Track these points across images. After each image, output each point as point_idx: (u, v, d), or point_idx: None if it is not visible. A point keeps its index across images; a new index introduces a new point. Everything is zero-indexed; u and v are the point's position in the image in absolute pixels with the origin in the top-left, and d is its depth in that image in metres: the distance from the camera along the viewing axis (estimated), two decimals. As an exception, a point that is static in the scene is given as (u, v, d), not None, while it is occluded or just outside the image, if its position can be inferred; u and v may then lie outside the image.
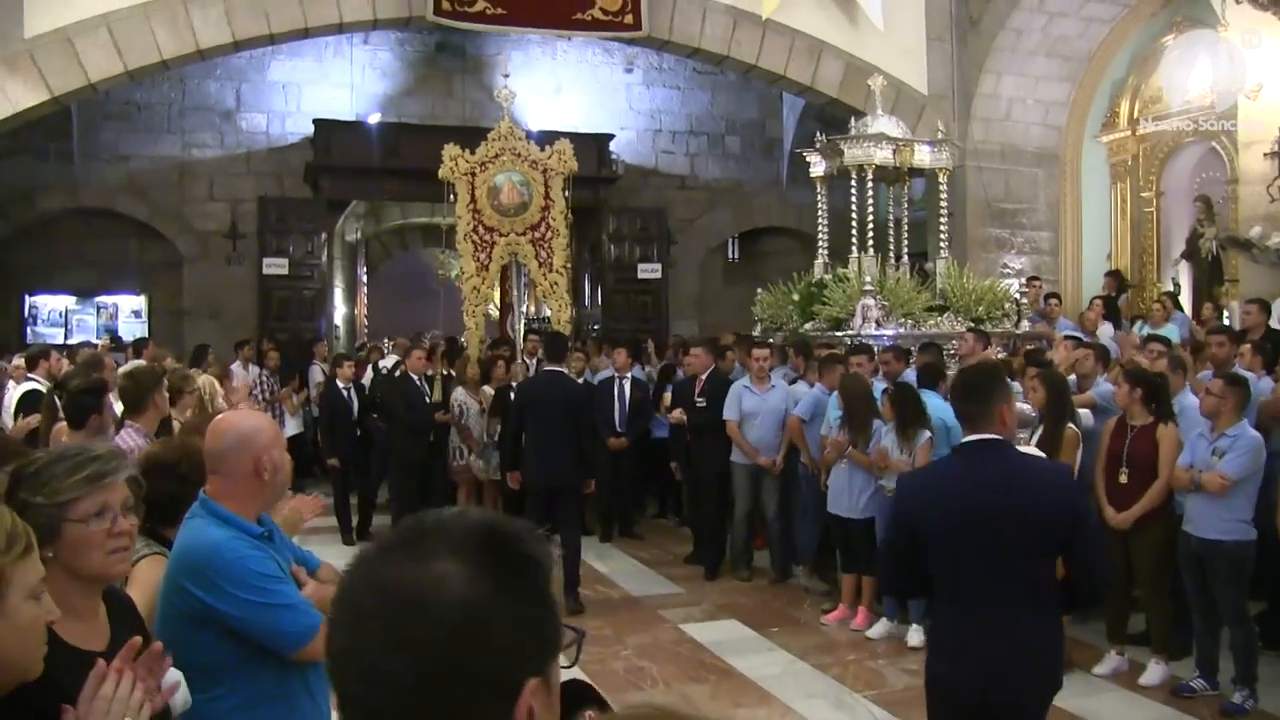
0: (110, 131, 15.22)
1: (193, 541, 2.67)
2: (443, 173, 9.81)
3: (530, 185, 9.90)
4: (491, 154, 9.92)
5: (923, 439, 6.66)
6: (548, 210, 9.92)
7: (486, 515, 1.22)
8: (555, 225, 9.90)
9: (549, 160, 9.96)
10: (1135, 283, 12.64)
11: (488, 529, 1.18)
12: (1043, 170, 13.28)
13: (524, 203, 9.90)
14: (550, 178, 9.93)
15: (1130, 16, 12.42)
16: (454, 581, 1.12)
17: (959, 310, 9.41)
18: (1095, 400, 6.96)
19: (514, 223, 9.83)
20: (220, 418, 2.96)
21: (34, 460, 2.23)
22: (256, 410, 10.05)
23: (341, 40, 15.43)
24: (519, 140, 10.04)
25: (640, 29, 11.77)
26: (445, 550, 1.14)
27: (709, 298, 17.44)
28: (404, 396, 9.62)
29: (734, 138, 17.73)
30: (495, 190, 9.86)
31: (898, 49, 12.66)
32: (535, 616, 1.16)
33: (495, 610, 1.13)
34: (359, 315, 19.46)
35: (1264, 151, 9.44)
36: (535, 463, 7.67)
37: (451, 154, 9.81)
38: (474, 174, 9.82)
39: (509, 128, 9.98)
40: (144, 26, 10.77)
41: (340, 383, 10.18)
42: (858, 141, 9.58)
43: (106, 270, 15.62)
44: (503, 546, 1.17)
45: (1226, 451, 5.64)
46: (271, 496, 2.85)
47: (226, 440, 2.76)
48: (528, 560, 1.18)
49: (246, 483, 2.74)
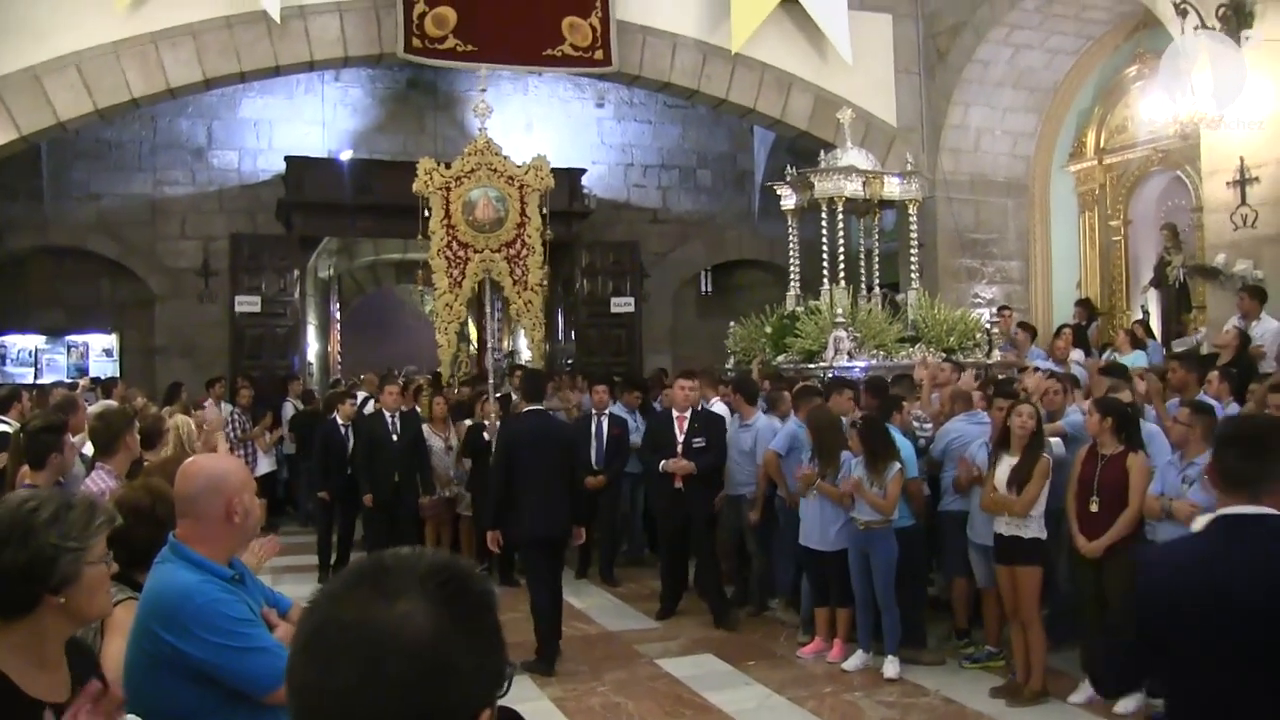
0: (81, 170, 15.18)
1: (163, 586, 2.65)
2: (416, 187, 9.56)
3: (506, 201, 9.63)
4: (467, 169, 9.65)
5: (893, 471, 6.69)
6: (523, 227, 9.66)
7: (441, 555, 1.29)
8: (530, 242, 9.65)
9: (525, 176, 9.73)
10: (1105, 311, 12.76)
11: (445, 568, 1.25)
12: (1012, 200, 13.42)
13: (499, 219, 9.63)
14: (526, 194, 9.69)
15: (1094, 48, 12.62)
16: (420, 619, 1.19)
17: (930, 341, 9.47)
18: (1065, 430, 7.01)
19: (488, 239, 9.55)
20: (190, 461, 2.94)
21: (37, 504, 2.21)
22: (228, 452, 10.08)
23: (313, 77, 15.46)
24: (495, 156, 9.76)
25: (610, 64, 11.86)
26: (408, 589, 1.21)
27: (682, 331, 17.48)
28: (370, 434, 9.55)
29: (705, 171, 17.85)
30: (470, 205, 9.59)
31: (866, 82, 12.79)
32: (490, 651, 1.24)
33: (457, 646, 1.20)
34: (332, 352, 19.39)
35: (1226, 180, 9.56)
36: (535, 513, 7.06)
37: (426, 168, 9.56)
38: (449, 189, 9.56)
39: (485, 142, 9.71)
40: (114, 66, 10.76)
41: (340, 420, 10.22)
42: (828, 174, 9.65)
43: (77, 309, 15.54)
44: (460, 585, 1.24)
45: (1196, 480, 5.68)
46: (242, 540, 2.84)
47: (197, 484, 2.74)
48: (482, 597, 1.26)
49: (218, 526, 2.72)
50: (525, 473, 7.12)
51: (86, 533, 2.19)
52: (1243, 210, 9.42)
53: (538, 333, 10.14)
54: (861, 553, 6.81)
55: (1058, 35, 12.38)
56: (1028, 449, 6.28)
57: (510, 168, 9.70)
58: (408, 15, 11.21)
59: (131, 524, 3.00)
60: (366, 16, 11.45)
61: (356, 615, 1.19)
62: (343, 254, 19.39)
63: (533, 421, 7.48)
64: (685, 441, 8.18)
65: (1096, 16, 12.04)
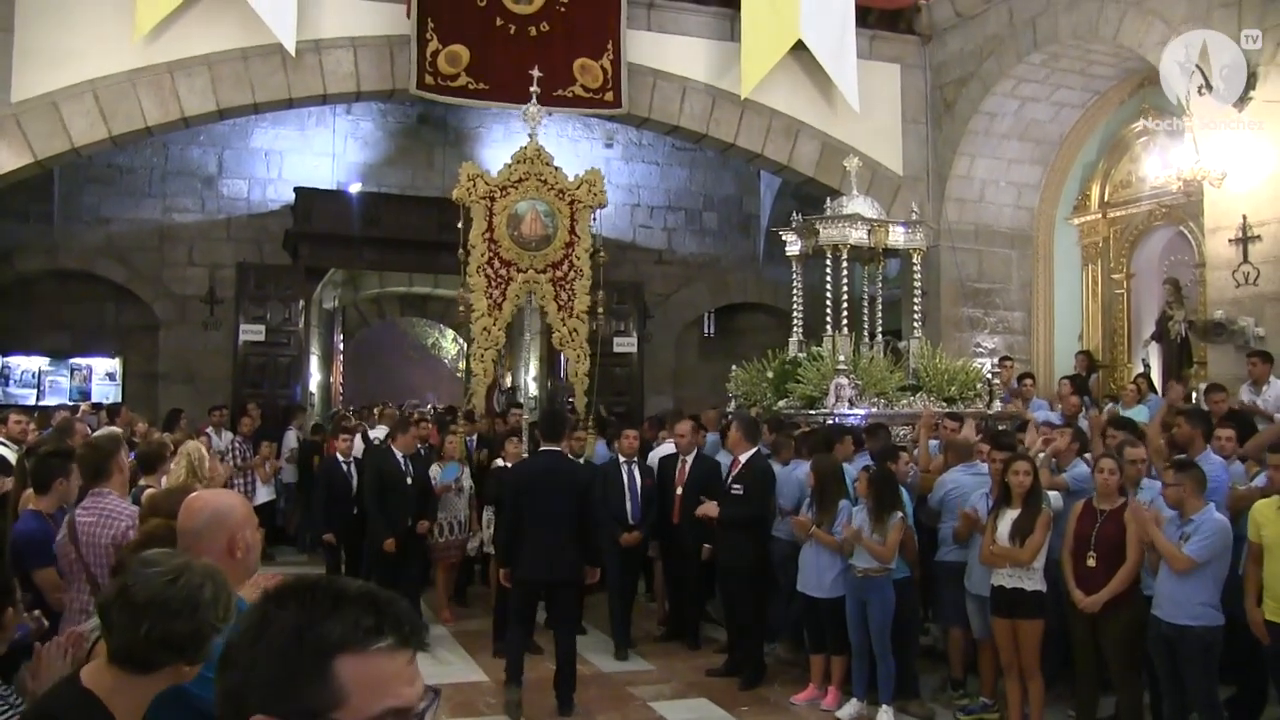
0: (91, 195, 15.29)
1: (163, 622, 2.66)
2: (458, 194, 8.79)
3: (555, 217, 8.72)
4: (515, 178, 8.78)
5: (895, 520, 6.70)
6: (572, 247, 8.78)
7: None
8: (579, 264, 8.77)
9: (578, 191, 8.87)
10: (1106, 363, 12.80)
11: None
12: (1015, 251, 13.48)
13: (547, 236, 8.72)
14: (578, 211, 8.83)
15: (1100, 103, 12.73)
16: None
17: (931, 390, 9.49)
18: (1068, 484, 7.02)
19: (534, 258, 8.64)
20: (194, 495, 2.96)
21: (201, 581, 2.32)
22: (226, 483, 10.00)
23: (324, 110, 15.61)
24: (546, 166, 8.82)
25: (620, 106, 11.96)
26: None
27: (685, 372, 17.52)
28: (380, 475, 8.79)
29: (711, 214, 17.96)
30: (516, 219, 8.71)
31: (874, 130, 12.92)
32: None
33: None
34: (334, 383, 19.42)
35: (1229, 237, 9.62)
36: (537, 555, 6.78)
37: (470, 173, 8.78)
38: (493, 199, 8.67)
39: (535, 150, 8.83)
40: (130, 94, 10.88)
41: (340, 457, 9.67)
42: (833, 222, 9.71)
43: (82, 332, 15.59)
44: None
45: (1194, 535, 5.69)
46: (244, 575, 2.85)
47: (202, 518, 2.76)
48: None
49: (220, 561, 2.72)
50: (534, 514, 6.80)
51: (229, 612, 2.31)
52: (1245, 268, 9.47)
53: (582, 366, 9.06)
54: (859, 601, 6.80)
55: (1064, 89, 12.49)
56: (1028, 503, 6.30)
57: (562, 180, 8.93)
58: (421, 52, 11.32)
59: None
60: (380, 52, 11.58)
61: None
62: (348, 285, 19.47)
63: (547, 461, 7.03)
64: (726, 488, 7.83)
65: (1102, 72, 12.15)
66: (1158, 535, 5.75)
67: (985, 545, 6.44)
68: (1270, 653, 5.63)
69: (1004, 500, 6.44)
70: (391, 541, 8.48)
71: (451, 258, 15.25)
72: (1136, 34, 10.61)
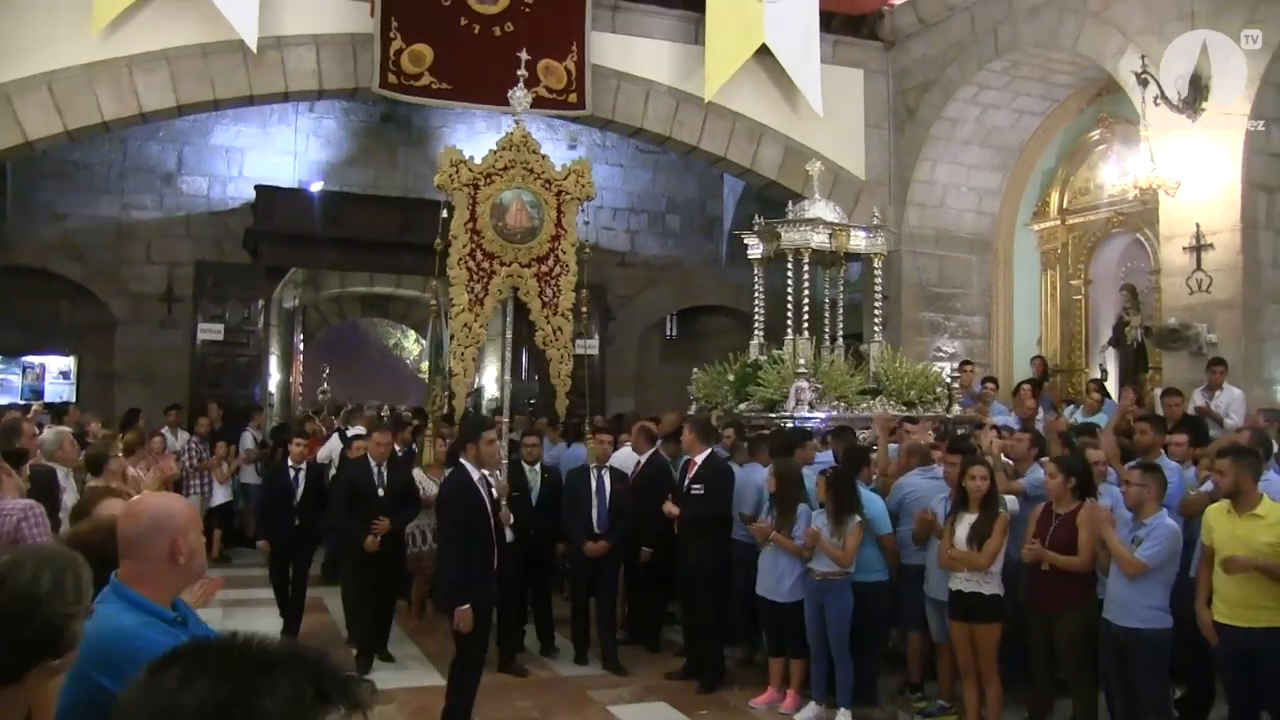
0: (47, 190, 15.08)
1: (103, 628, 2.59)
2: (439, 180, 8.28)
3: (541, 208, 8.28)
4: (500, 166, 8.27)
5: (853, 523, 6.71)
6: (558, 240, 8.36)
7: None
8: (565, 259, 8.38)
9: (565, 181, 8.42)
10: (1064, 367, 12.92)
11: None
12: (976, 256, 13.60)
13: (532, 228, 8.26)
14: (565, 202, 8.40)
15: (1059, 111, 12.86)
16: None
17: (891, 394, 9.53)
18: (1024, 489, 7.07)
19: (518, 251, 8.21)
20: (136, 499, 2.92)
21: (32, 573, 2.22)
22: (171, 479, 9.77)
23: (286, 107, 15.49)
24: (533, 154, 8.34)
25: (584, 108, 11.95)
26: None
27: (647, 375, 17.52)
28: (350, 485, 8.25)
29: (674, 216, 17.98)
30: (501, 209, 8.22)
31: (837, 135, 12.98)
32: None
33: None
34: (294, 383, 19.25)
35: (1183, 245, 9.74)
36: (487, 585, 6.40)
37: (452, 158, 8.24)
38: (476, 186, 8.19)
39: (522, 136, 8.32)
40: (86, 88, 10.74)
41: (291, 461, 8.99)
42: (794, 225, 9.72)
43: (36, 330, 15.37)
44: None
45: (1146, 538, 5.74)
46: (187, 580, 2.80)
47: (142, 523, 2.70)
48: None
49: (161, 566, 2.67)
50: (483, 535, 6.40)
51: (81, 593, 2.22)
52: (1198, 275, 9.61)
53: (565, 366, 8.56)
54: (817, 604, 6.81)
55: (1024, 96, 12.62)
56: (985, 506, 6.33)
57: (549, 170, 8.47)
58: (384, 51, 11.26)
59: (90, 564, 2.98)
60: (343, 51, 11.50)
61: None
62: (308, 285, 19.29)
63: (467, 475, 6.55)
64: (686, 488, 7.83)
65: (1062, 80, 12.28)
66: (1111, 536, 5.80)
67: (943, 549, 6.47)
68: (1218, 653, 5.70)
69: (961, 504, 6.47)
70: (373, 540, 7.95)
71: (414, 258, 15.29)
72: (1095, 43, 10.73)
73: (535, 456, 8.80)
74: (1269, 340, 9.55)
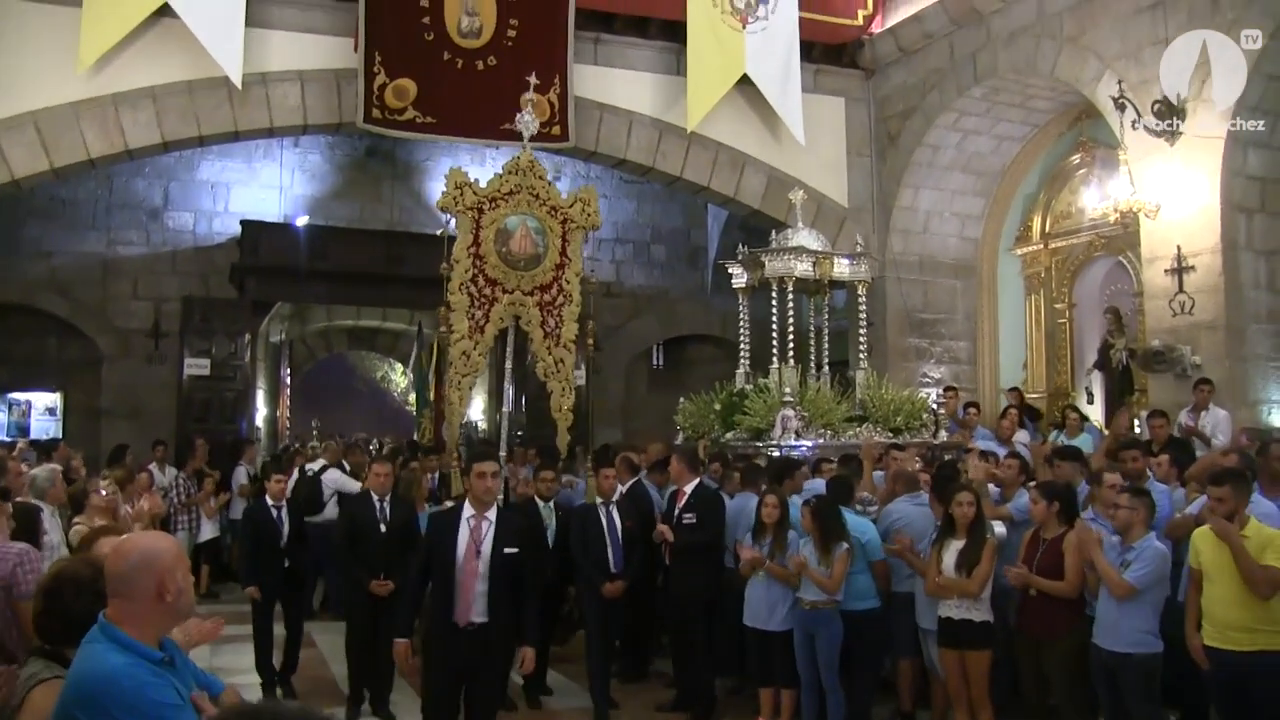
0: (33, 227, 15.09)
1: (89, 668, 2.59)
2: (443, 202, 8.05)
3: (547, 236, 8.03)
4: (505, 190, 8.06)
5: (840, 550, 6.70)
6: (562, 269, 8.10)
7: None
8: (569, 289, 8.12)
9: (570, 209, 8.18)
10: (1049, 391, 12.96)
11: None
12: (960, 281, 13.67)
13: (537, 255, 8.01)
14: (570, 230, 8.16)
15: (1039, 136, 12.98)
16: None
17: (878, 421, 9.56)
18: (1011, 514, 7.08)
19: (521, 278, 7.95)
20: (124, 538, 2.92)
21: None
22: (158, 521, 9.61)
23: (272, 142, 15.55)
24: (539, 179, 8.10)
25: (568, 140, 12.01)
26: None
27: (634, 405, 17.52)
28: (351, 522, 7.71)
29: (659, 246, 18.05)
30: (505, 234, 7.98)
31: (819, 163, 13.07)
32: None
33: None
34: (281, 417, 19.21)
35: (1165, 268, 9.82)
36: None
37: (457, 180, 8.01)
38: (481, 210, 7.96)
39: (529, 161, 8.08)
40: (73, 125, 10.76)
41: (270, 500, 8.25)
42: (778, 254, 9.77)
43: (22, 367, 15.34)
44: None
45: (1135, 562, 5.75)
46: (175, 620, 2.80)
47: (130, 561, 2.70)
48: None
49: (149, 605, 2.67)
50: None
51: None
52: (1180, 297, 9.68)
53: (567, 400, 8.22)
54: (807, 633, 6.80)
55: (1004, 122, 12.73)
56: (972, 533, 6.34)
57: (555, 196, 8.27)
58: (368, 86, 11.31)
59: (69, 597, 2.97)
60: (327, 86, 11.55)
61: None
62: (295, 319, 19.31)
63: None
64: (676, 517, 7.66)
65: (1041, 105, 12.40)
66: (1099, 558, 5.82)
67: (930, 577, 6.47)
68: (1209, 677, 5.70)
69: (948, 531, 6.48)
70: (386, 585, 7.28)
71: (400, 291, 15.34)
72: (1073, 69, 10.85)
73: (552, 492, 8.29)
74: (1252, 360, 9.61)
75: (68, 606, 2.95)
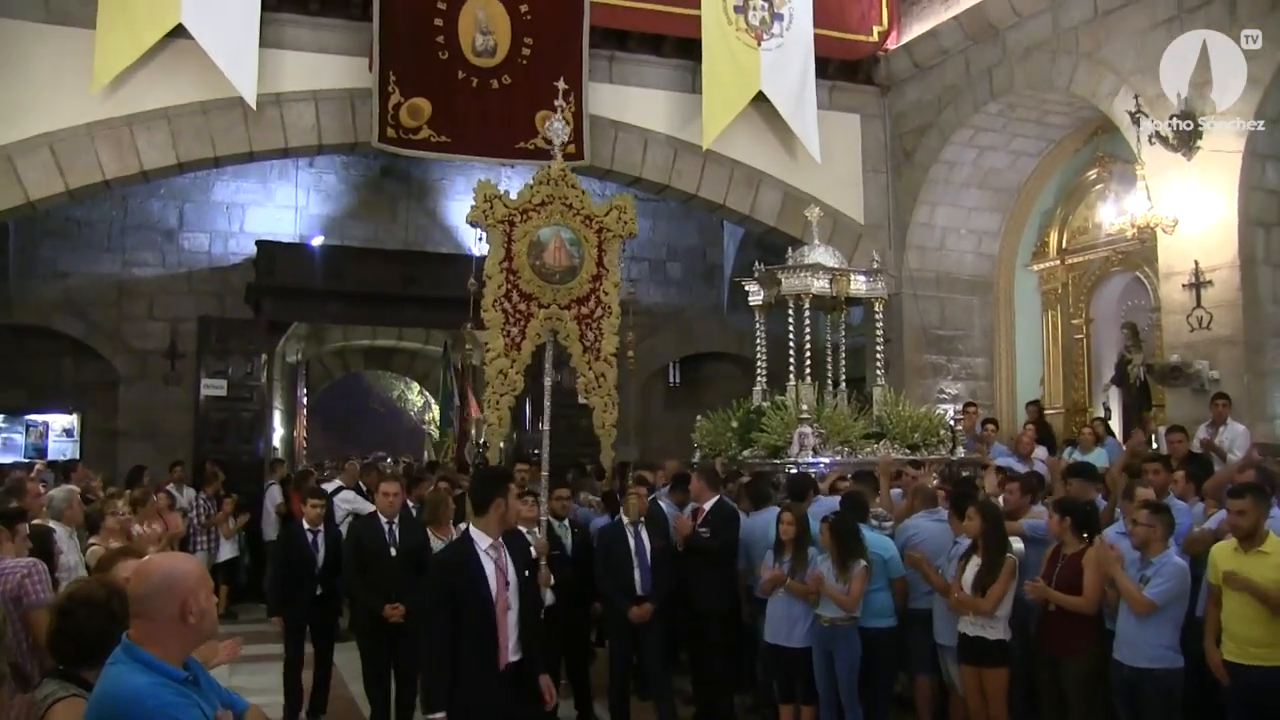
0: (49, 248, 15.16)
1: (113, 689, 2.59)
2: (473, 215, 7.72)
3: (582, 247, 7.72)
4: (537, 200, 7.74)
5: (858, 568, 6.66)
6: (599, 280, 7.76)
7: None
8: (607, 301, 7.77)
9: (606, 218, 7.86)
10: (1066, 407, 12.90)
11: None
12: (977, 298, 13.63)
13: (572, 267, 7.68)
14: (606, 240, 7.82)
15: (1056, 151, 12.96)
16: None
17: (895, 437, 9.51)
18: (1024, 530, 7.03)
19: (557, 292, 7.64)
20: (146, 559, 2.91)
21: None
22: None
23: (286, 162, 15.62)
24: (572, 188, 7.81)
25: (583, 158, 12.00)
26: None
27: (650, 422, 17.49)
28: (359, 545, 7.53)
29: (675, 264, 18.05)
30: (539, 247, 7.66)
31: (835, 180, 13.06)
32: None
33: None
34: (298, 437, 19.24)
35: (1182, 283, 9.77)
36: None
37: (487, 193, 7.68)
38: (512, 223, 7.66)
39: (561, 171, 7.81)
40: (88, 147, 10.82)
41: (306, 524, 8.08)
42: (794, 271, 9.75)
43: (38, 388, 15.39)
44: None
45: (1154, 578, 5.71)
46: (198, 640, 2.79)
47: (152, 583, 2.70)
48: None
49: (172, 626, 2.67)
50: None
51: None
52: (1198, 312, 9.62)
53: (609, 416, 7.80)
54: (825, 651, 6.75)
55: (1020, 138, 12.71)
56: (989, 551, 6.29)
57: (589, 205, 7.95)
58: (383, 106, 11.34)
59: (82, 617, 2.96)
60: (342, 106, 11.60)
61: None
62: (311, 339, 19.36)
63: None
64: (693, 532, 7.68)
65: (1057, 121, 12.38)
66: (1119, 574, 5.77)
67: (952, 593, 6.43)
68: (1230, 692, 5.64)
69: (974, 548, 6.44)
70: (398, 609, 7.16)
71: (416, 310, 15.36)
72: (1089, 84, 10.83)
73: (566, 511, 8.22)
74: (1271, 375, 9.55)
75: (80, 626, 2.95)
